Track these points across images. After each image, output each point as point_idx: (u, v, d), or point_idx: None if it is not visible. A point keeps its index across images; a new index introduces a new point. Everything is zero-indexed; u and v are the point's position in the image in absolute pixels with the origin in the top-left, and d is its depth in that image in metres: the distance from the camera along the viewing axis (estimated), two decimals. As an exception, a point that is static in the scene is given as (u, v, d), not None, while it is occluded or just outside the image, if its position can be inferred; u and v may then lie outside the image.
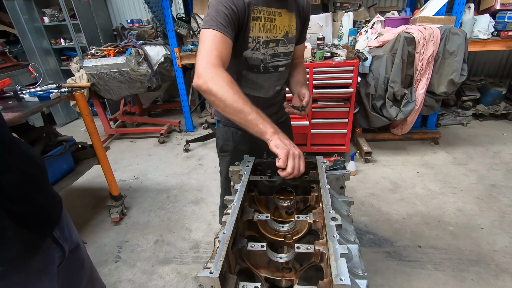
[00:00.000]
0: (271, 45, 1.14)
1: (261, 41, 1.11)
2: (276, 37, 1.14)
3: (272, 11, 1.10)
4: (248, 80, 1.19)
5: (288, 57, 1.23)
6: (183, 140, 3.65)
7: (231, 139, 1.32)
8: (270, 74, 1.20)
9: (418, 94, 2.67)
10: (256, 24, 1.07)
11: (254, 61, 1.14)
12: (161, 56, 3.37)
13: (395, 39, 2.56)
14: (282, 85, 1.30)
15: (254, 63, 1.15)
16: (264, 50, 1.13)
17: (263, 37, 1.11)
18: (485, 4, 3.11)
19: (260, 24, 1.08)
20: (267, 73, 1.19)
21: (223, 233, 0.70)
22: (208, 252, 1.99)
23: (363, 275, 0.66)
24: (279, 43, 1.16)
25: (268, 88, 1.24)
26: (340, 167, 1.02)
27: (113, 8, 4.47)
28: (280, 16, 1.12)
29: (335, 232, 0.67)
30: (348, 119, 2.72)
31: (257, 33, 1.09)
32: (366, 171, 2.79)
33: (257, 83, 1.20)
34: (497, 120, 3.64)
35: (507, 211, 2.17)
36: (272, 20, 1.11)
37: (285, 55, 1.21)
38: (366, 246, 1.95)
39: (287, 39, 1.18)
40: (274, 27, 1.12)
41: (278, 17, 1.12)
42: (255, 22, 1.07)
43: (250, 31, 1.07)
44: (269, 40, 1.13)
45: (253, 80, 1.19)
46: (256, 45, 1.11)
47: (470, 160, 2.85)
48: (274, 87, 1.25)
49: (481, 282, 1.65)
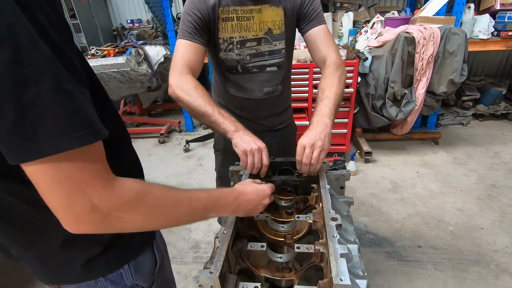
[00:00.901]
0: (249, 44, 1.10)
1: (234, 42, 1.09)
2: (255, 36, 1.10)
3: (248, 9, 1.06)
4: (231, 81, 1.18)
5: (277, 55, 1.14)
6: (183, 140, 3.64)
7: (222, 139, 1.31)
8: (253, 75, 1.15)
9: (418, 94, 2.67)
10: (226, 25, 1.06)
11: (229, 62, 1.13)
12: (161, 56, 3.37)
13: (395, 39, 2.56)
14: (276, 87, 1.20)
15: (230, 64, 1.13)
16: (239, 51, 1.10)
17: (236, 37, 1.08)
18: (485, 4, 3.11)
19: (232, 24, 1.06)
20: (249, 74, 1.15)
21: (223, 233, 0.70)
22: (208, 252, 1.99)
23: (363, 275, 0.66)
24: (261, 41, 1.11)
25: (253, 90, 1.18)
26: (340, 167, 1.02)
27: (113, 8, 4.47)
28: (259, 13, 1.07)
29: (335, 232, 0.67)
30: (348, 119, 2.72)
31: (229, 34, 1.07)
32: (366, 171, 2.79)
33: (239, 84, 1.17)
34: (497, 120, 3.64)
35: (507, 211, 2.17)
36: (249, 19, 1.07)
37: (272, 53, 1.14)
38: (366, 246, 1.95)
39: (271, 36, 1.11)
40: (251, 25, 1.08)
41: (256, 14, 1.07)
42: (226, 23, 1.06)
43: (219, 33, 1.07)
44: (246, 40, 1.10)
45: (235, 81, 1.17)
46: (229, 46, 1.09)
47: (470, 160, 2.85)
48: (262, 89, 1.18)
49: (481, 282, 1.65)
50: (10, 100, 0.36)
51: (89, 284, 0.62)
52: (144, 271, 0.68)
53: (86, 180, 0.43)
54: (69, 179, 0.41)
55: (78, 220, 0.44)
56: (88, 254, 0.59)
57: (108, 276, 0.62)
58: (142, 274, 0.68)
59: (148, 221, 0.52)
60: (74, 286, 0.62)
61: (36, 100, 0.37)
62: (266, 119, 1.27)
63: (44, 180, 0.41)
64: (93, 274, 0.61)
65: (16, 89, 0.36)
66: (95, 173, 0.44)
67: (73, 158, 0.41)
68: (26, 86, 0.36)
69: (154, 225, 0.56)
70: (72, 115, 0.40)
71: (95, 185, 0.44)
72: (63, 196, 0.42)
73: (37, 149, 0.38)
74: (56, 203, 0.43)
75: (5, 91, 0.35)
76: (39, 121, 0.37)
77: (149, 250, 0.70)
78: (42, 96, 0.37)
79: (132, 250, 0.66)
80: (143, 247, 0.68)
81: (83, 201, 0.43)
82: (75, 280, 0.61)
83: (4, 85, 0.35)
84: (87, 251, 0.59)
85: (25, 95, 0.36)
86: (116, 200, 0.46)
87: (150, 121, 4.23)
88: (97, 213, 0.44)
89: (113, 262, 0.62)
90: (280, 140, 1.32)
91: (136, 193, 0.48)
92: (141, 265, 0.67)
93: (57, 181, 0.41)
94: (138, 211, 0.49)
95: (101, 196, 0.44)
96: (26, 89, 0.36)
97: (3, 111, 0.36)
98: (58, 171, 0.40)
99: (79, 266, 0.59)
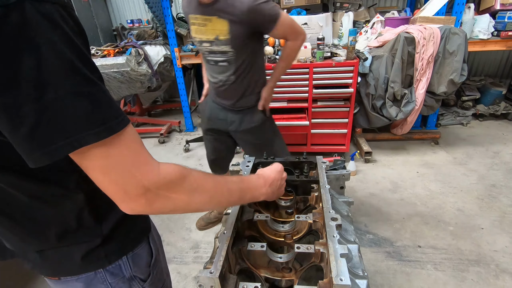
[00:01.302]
0: (205, 44, 1.45)
1: (196, 40, 1.49)
2: (208, 39, 1.42)
3: (204, 17, 1.38)
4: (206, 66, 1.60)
5: (226, 55, 1.43)
6: (183, 140, 3.65)
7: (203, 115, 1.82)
8: (212, 66, 1.52)
9: (418, 94, 2.67)
10: (193, 27, 1.46)
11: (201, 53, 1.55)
12: (161, 56, 3.37)
13: (395, 39, 2.56)
14: (228, 77, 1.49)
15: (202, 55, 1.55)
16: (200, 47, 1.50)
17: (197, 38, 1.47)
18: (485, 4, 3.11)
19: (195, 27, 1.44)
20: (209, 64, 1.54)
21: (223, 233, 0.70)
22: (208, 252, 1.98)
23: (363, 275, 0.66)
24: (212, 43, 1.42)
25: (211, 77, 1.57)
26: (340, 167, 1.02)
27: (113, 8, 4.46)
28: (211, 22, 1.37)
29: (335, 232, 0.67)
30: (348, 119, 2.72)
31: (194, 34, 1.48)
32: (366, 171, 2.79)
33: (207, 70, 1.60)
34: (497, 120, 3.64)
35: (507, 211, 2.17)
36: (205, 25, 1.39)
37: (222, 53, 1.43)
38: (366, 246, 1.95)
39: (218, 41, 1.40)
40: (205, 30, 1.41)
41: (209, 22, 1.38)
42: (192, 26, 1.46)
43: (191, 32, 1.51)
44: (202, 41, 1.45)
45: (207, 68, 1.59)
46: (196, 43, 1.51)
47: (470, 160, 2.85)
48: (218, 77, 1.52)
49: (481, 282, 1.65)
50: (31, 103, 0.39)
51: (88, 275, 0.63)
52: (142, 263, 0.71)
53: (135, 164, 0.48)
54: (120, 164, 0.46)
55: (136, 201, 0.48)
56: (88, 246, 0.60)
57: (107, 268, 0.64)
58: (139, 266, 0.70)
59: (192, 200, 0.57)
60: (74, 278, 0.63)
61: (54, 103, 0.40)
62: (227, 100, 1.62)
63: (97, 168, 0.45)
64: (93, 266, 0.63)
65: (37, 93, 0.38)
66: (141, 157, 0.49)
67: (117, 144, 0.45)
68: (46, 91, 0.39)
69: (197, 204, 0.59)
70: (91, 114, 0.43)
71: (143, 168, 0.48)
72: (118, 181, 0.46)
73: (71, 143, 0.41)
74: (112, 188, 0.47)
75: (27, 95, 0.38)
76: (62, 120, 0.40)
77: (145, 242, 0.72)
78: (59, 99, 0.40)
79: (130, 241, 0.68)
80: (140, 238, 0.70)
81: (136, 183, 0.47)
82: (75, 272, 0.62)
83: (26, 89, 0.38)
84: (87, 243, 0.60)
85: (45, 99, 0.39)
86: (163, 181, 0.50)
87: (150, 121, 4.23)
88: (149, 194, 0.49)
89: (112, 254, 0.64)
90: (239, 119, 1.65)
91: (178, 174, 0.53)
92: (139, 257, 0.70)
93: (111, 167, 0.45)
94: (182, 190, 0.54)
95: (149, 177, 0.49)
96: (47, 94, 0.39)
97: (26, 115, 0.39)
98: (109, 158, 0.45)
99: (79, 258, 0.60)
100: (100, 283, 0.65)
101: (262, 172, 0.82)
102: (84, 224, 0.59)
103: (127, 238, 0.67)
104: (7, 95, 0.38)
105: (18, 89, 0.38)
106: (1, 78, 0.37)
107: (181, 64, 3.50)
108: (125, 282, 0.68)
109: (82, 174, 0.47)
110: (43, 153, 0.41)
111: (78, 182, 0.56)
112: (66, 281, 0.63)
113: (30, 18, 0.37)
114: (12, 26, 0.36)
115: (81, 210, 0.58)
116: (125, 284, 0.68)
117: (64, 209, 0.57)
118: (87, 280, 0.63)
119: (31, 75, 0.38)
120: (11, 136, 0.40)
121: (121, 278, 0.67)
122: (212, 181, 0.61)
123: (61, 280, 0.64)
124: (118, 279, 0.66)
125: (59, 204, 0.57)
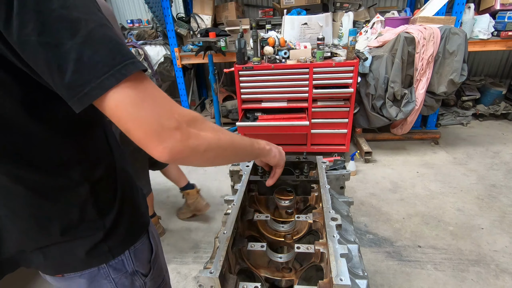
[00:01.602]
0: None
1: None
2: None
3: None
4: None
5: None
6: (183, 140, 3.64)
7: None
8: None
9: (418, 94, 2.67)
10: None
11: None
12: (161, 56, 3.37)
13: (395, 39, 2.56)
14: None
15: None
16: None
17: None
18: (485, 4, 3.11)
19: None
20: None
21: (223, 233, 0.70)
22: (208, 252, 1.99)
23: (363, 275, 0.66)
24: None
25: None
26: (340, 167, 1.02)
27: (113, 8, 4.47)
28: None
29: (335, 232, 0.67)
30: (348, 119, 2.72)
31: None
32: (366, 171, 2.79)
33: None
34: (497, 120, 3.64)
35: (507, 211, 2.17)
36: None
37: None
38: (366, 246, 1.95)
39: None
40: None
41: None
42: None
43: None
44: None
45: None
46: None
47: (470, 160, 2.85)
48: None
49: (481, 282, 1.65)
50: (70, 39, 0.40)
51: (92, 271, 0.63)
52: (143, 258, 0.71)
53: (163, 97, 0.47)
54: (151, 96, 0.45)
55: (170, 136, 0.46)
56: (91, 240, 0.61)
57: (110, 263, 0.64)
58: (141, 260, 0.71)
59: (219, 138, 0.56)
60: (77, 274, 0.63)
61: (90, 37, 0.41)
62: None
63: (129, 104, 0.43)
64: (96, 261, 0.63)
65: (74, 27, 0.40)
66: (165, 94, 0.48)
67: (144, 79, 0.45)
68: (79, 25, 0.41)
69: (225, 142, 0.58)
70: (122, 45, 0.44)
71: (170, 102, 0.48)
72: (153, 114, 0.45)
73: (114, 74, 0.41)
74: (146, 124, 0.44)
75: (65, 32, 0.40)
76: (102, 51, 0.41)
77: (146, 237, 0.73)
78: (95, 30, 0.41)
79: (132, 235, 0.68)
80: (141, 232, 0.71)
81: (170, 116, 0.46)
82: (79, 268, 0.63)
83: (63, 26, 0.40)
84: (90, 238, 0.61)
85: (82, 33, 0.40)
86: (190, 117, 0.50)
87: (150, 121, 4.23)
88: (182, 128, 0.48)
89: (115, 248, 0.64)
90: None
91: (199, 115, 0.53)
92: (140, 252, 0.70)
93: (141, 100, 0.44)
94: (208, 128, 0.54)
95: (179, 112, 0.48)
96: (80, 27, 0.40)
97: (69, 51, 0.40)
98: (140, 90, 0.44)
99: (83, 253, 0.60)
100: (103, 279, 0.65)
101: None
102: (87, 217, 0.59)
103: (128, 232, 0.67)
104: (48, 35, 0.39)
105: (56, 27, 0.39)
106: (38, 21, 0.39)
107: (181, 64, 3.50)
108: (128, 277, 0.68)
109: (87, 165, 0.47)
110: (92, 88, 0.41)
111: (83, 173, 0.56)
112: (69, 277, 0.64)
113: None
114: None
115: (85, 203, 0.58)
116: (127, 279, 0.68)
117: (68, 202, 0.57)
118: (91, 276, 0.64)
119: (63, 13, 0.39)
120: (58, 75, 0.41)
121: (124, 273, 0.67)
122: (227, 130, 0.62)
123: (65, 277, 0.64)
124: (121, 274, 0.67)
125: (63, 196, 0.56)
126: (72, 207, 0.58)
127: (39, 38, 0.39)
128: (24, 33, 0.39)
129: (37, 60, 0.40)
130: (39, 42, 0.39)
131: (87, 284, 0.65)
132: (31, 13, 0.38)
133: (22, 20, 0.38)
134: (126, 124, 0.44)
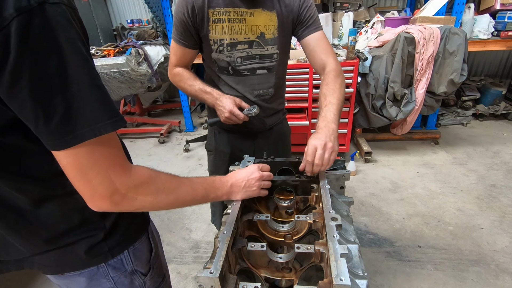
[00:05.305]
0: (240, 47, 1.09)
1: (224, 43, 1.08)
2: (247, 39, 1.09)
3: (240, 11, 1.05)
4: (222, 81, 1.18)
5: (268, 60, 1.14)
6: (183, 140, 3.64)
7: (213, 139, 1.35)
8: (244, 77, 1.15)
9: (418, 94, 2.67)
10: (217, 26, 1.05)
11: (221, 63, 1.13)
12: (161, 56, 3.37)
13: (395, 39, 2.56)
14: (267, 90, 1.20)
15: (222, 65, 1.14)
16: (230, 53, 1.09)
17: (227, 39, 1.07)
18: (485, 4, 3.11)
19: (223, 26, 1.05)
20: (239, 76, 1.15)
21: (223, 233, 0.70)
22: (208, 252, 1.99)
23: (363, 275, 0.66)
24: (252, 44, 1.10)
25: (244, 92, 1.17)
26: (340, 167, 1.02)
27: (113, 8, 4.46)
28: (252, 16, 1.06)
29: (335, 232, 0.67)
30: (348, 119, 2.72)
31: (220, 35, 1.07)
32: (366, 171, 2.79)
33: (229, 85, 1.18)
34: (497, 120, 3.64)
35: (507, 211, 2.17)
36: (241, 21, 1.06)
37: (263, 57, 1.13)
38: (366, 246, 1.95)
39: (263, 41, 1.10)
40: (243, 28, 1.07)
41: (248, 17, 1.06)
42: (216, 25, 1.05)
43: (210, 34, 1.06)
44: (236, 42, 1.08)
45: (226, 82, 1.18)
46: (219, 47, 1.09)
47: (470, 160, 2.85)
48: (253, 91, 1.18)
49: (481, 282, 1.65)
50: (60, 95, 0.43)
51: (91, 270, 0.64)
52: (142, 258, 0.72)
53: (111, 166, 0.51)
54: (98, 165, 0.49)
55: (102, 200, 0.52)
56: (91, 240, 0.62)
57: (110, 262, 0.66)
58: (140, 260, 0.72)
59: (158, 201, 0.60)
60: (77, 273, 0.64)
61: (78, 94, 0.45)
62: (258, 120, 1.25)
63: (77, 165, 0.48)
64: (96, 260, 0.64)
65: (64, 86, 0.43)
66: (117, 160, 0.52)
67: (102, 144, 0.49)
68: (71, 84, 0.44)
69: (162, 205, 0.62)
70: (106, 105, 0.48)
71: (117, 171, 0.52)
72: (92, 181, 0.49)
73: (78, 136, 0.45)
74: (85, 186, 0.50)
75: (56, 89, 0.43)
76: (79, 112, 0.45)
77: (145, 237, 0.73)
78: (83, 91, 0.45)
79: (131, 235, 0.69)
80: (140, 232, 0.72)
81: (108, 184, 0.51)
82: (79, 267, 0.64)
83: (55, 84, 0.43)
84: (90, 238, 0.62)
85: (71, 91, 0.44)
86: (133, 184, 0.54)
87: (150, 121, 4.23)
88: (118, 194, 0.53)
89: (115, 248, 0.65)
90: (272, 141, 1.34)
91: (147, 178, 0.57)
92: (139, 251, 0.71)
93: (88, 166, 0.48)
94: (149, 192, 0.58)
95: (121, 180, 0.52)
96: (71, 86, 0.44)
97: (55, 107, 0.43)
98: (90, 157, 0.48)
99: (82, 253, 0.61)
100: (102, 278, 0.66)
101: (232, 173, 0.85)
102: (88, 219, 0.60)
103: (128, 232, 0.68)
104: (41, 90, 0.42)
105: (49, 84, 0.42)
106: (35, 75, 0.41)
107: (181, 64, 3.49)
108: (127, 276, 0.69)
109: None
110: (70, 138, 0.45)
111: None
112: (69, 276, 0.65)
113: (51, 20, 0.41)
114: (39, 29, 0.40)
115: (85, 207, 0.59)
116: (126, 278, 0.69)
117: (68, 208, 0.58)
118: (90, 274, 0.65)
119: (58, 71, 0.43)
120: (44, 125, 0.44)
121: (123, 272, 0.68)
122: (179, 183, 0.66)
123: (64, 275, 0.65)
124: (120, 273, 0.68)
125: (63, 203, 0.58)
126: (74, 212, 0.59)
127: (31, 93, 0.42)
128: (16, 89, 0.41)
129: (23, 108, 0.43)
130: (30, 96, 0.42)
131: (87, 283, 0.66)
132: (25, 73, 0.41)
133: (16, 78, 0.41)
134: (70, 179, 0.50)
